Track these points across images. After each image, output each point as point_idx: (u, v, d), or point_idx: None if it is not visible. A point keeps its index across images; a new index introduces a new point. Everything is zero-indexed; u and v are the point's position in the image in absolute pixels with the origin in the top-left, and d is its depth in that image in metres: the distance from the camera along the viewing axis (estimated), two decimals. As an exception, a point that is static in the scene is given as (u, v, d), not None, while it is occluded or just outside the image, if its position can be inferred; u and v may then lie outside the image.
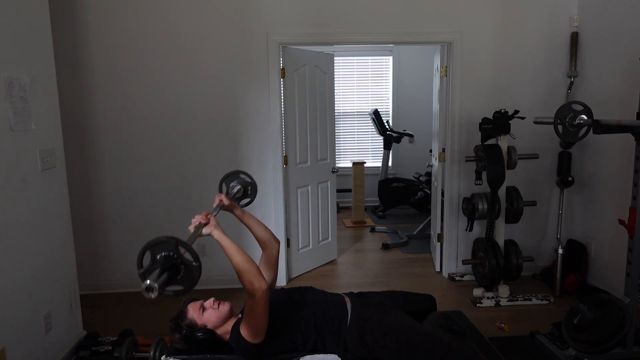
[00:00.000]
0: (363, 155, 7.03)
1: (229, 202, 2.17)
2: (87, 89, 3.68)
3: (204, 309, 2.05)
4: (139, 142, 3.78)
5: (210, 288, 3.53)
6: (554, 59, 3.92)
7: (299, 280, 4.10)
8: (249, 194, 2.44)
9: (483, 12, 3.85)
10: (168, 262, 1.49)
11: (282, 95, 3.90)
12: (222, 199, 2.13)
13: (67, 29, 3.58)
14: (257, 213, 3.90)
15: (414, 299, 2.46)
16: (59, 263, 2.79)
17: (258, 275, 1.84)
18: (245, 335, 1.92)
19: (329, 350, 2.04)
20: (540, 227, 4.14)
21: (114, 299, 3.78)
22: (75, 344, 2.89)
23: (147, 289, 1.40)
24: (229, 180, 2.40)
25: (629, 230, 2.55)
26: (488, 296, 3.62)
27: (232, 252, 1.85)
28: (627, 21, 3.33)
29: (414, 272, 4.30)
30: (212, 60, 3.74)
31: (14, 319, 2.34)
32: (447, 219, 4.11)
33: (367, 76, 6.89)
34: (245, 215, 2.30)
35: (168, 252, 1.50)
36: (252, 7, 3.71)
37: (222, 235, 1.86)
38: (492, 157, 3.40)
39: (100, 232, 3.86)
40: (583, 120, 2.58)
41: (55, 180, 2.75)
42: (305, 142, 4.18)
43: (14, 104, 2.34)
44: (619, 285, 3.16)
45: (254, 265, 1.86)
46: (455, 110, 3.93)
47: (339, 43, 4.04)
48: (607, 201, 3.59)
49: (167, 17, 3.66)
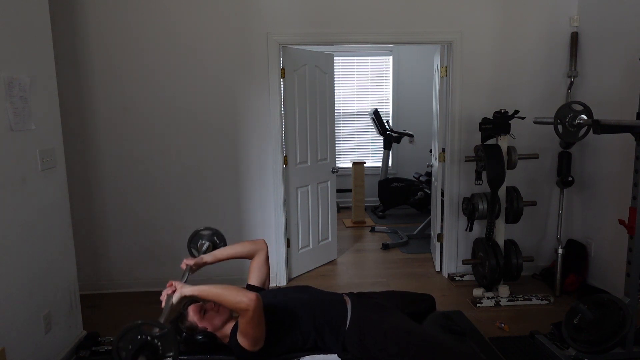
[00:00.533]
0: (363, 155, 7.03)
1: (195, 260, 2.22)
2: (87, 89, 3.68)
3: (204, 311, 2.04)
4: (139, 142, 3.78)
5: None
6: (554, 59, 3.92)
7: (299, 280, 4.10)
8: (219, 243, 2.52)
9: (483, 12, 3.85)
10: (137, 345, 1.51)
11: (282, 95, 3.90)
12: (187, 263, 2.20)
13: (67, 29, 3.58)
14: (257, 213, 3.93)
15: (414, 299, 2.46)
16: (59, 263, 2.79)
17: (242, 292, 1.84)
18: (244, 345, 1.91)
19: (329, 349, 2.04)
20: (540, 227, 4.14)
21: (114, 299, 3.78)
22: (75, 344, 2.89)
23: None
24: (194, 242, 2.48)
25: (629, 230, 2.54)
26: (488, 296, 3.62)
27: (208, 294, 1.86)
28: (627, 21, 3.33)
29: (414, 272, 4.30)
30: (212, 60, 3.74)
31: (14, 319, 2.34)
32: (447, 219, 4.11)
33: (367, 76, 6.89)
34: (217, 254, 2.34)
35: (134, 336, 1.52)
36: (252, 7, 3.71)
37: (192, 288, 1.88)
38: (492, 157, 3.40)
39: (100, 232, 3.86)
40: (583, 120, 2.58)
41: (55, 180, 2.75)
42: (305, 142, 4.18)
43: (14, 104, 2.34)
44: (619, 285, 3.16)
45: (232, 289, 1.86)
46: (455, 110, 3.93)
47: (339, 43, 4.04)
48: (607, 201, 3.59)
49: (167, 17, 3.66)
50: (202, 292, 1.86)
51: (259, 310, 1.84)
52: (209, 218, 3.87)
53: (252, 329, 1.86)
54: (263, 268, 2.31)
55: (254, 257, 2.32)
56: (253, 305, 1.80)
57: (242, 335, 1.90)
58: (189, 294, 1.87)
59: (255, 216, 3.94)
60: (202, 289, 1.87)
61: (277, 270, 3.99)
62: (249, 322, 1.84)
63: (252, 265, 2.32)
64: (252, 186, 3.90)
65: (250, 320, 1.83)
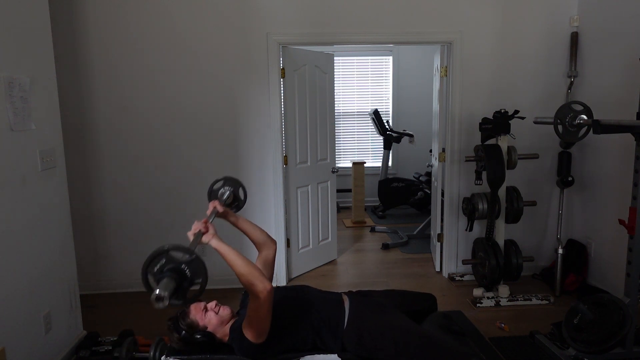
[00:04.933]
0: (363, 155, 7.03)
1: (223, 208, 2.16)
2: (87, 89, 3.68)
3: (206, 310, 2.05)
4: (139, 142, 3.78)
5: (210, 288, 3.51)
6: (554, 59, 3.92)
7: (299, 280, 4.10)
8: (240, 197, 2.42)
9: (483, 12, 3.85)
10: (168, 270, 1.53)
11: (282, 95, 3.90)
12: (215, 205, 2.13)
13: (67, 29, 3.58)
14: (257, 213, 3.93)
15: (414, 299, 2.46)
16: (59, 263, 2.79)
17: (261, 277, 1.83)
18: (248, 335, 1.92)
19: (328, 349, 2.04)
20: (540, 227, 4.14)
21: (114, 299, 3.78)
22: (75, 344, 2.89)
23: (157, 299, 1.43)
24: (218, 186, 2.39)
25: (629, 230, 2.55)
26: (488, 296, 3.62)
27: (232, 259, 1.84)
28: (627, 21, 3.33)
29: (414, 272, 4.30)
30: (212, 60, 3.74)
31: (14, 319, 2.34)
32: (447, 219, 4.11)
33: (367, 76, 6.89)
34: (240, 220, 2.29)
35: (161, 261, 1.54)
36: (252, 7, 3.71)
37: (221, 244, 1.86)
38: (492, 157, 3.40)
39: (100, 232, 3.86)
40: (583, 120, 2.58)
41: (55, 180, 2.75)
42: (305, 142, 4.18)
43: (14, 104, 2.34)
44: (619, 285, 3.16)
45: (255, 268, 1.86)
46: (455, 110, 3.93)
47: (339, 43, 4.04)
48: (607, 201, 3.59)
49: (167, 17, 3.66)
50: (227, 255, 1.84)
51: (269, 302, 1.84)
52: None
53: (260, 318, 1.86)
54: (269, 267, 2.28)
55: (263, 251, 2.26)
56: (265, 294, 1.80)
57: (247, 324, 1.91)
58: (215, 246, 1.85)
59: (255, 216, 3.94)
60: (228, 252, 1.84)
61: (277, 270, 3.99)
62: (257, 309, 1.84)
63: (259, 260, 2.26)
64: (252, 186, 3.90)
65: (259, 308, 1.83)
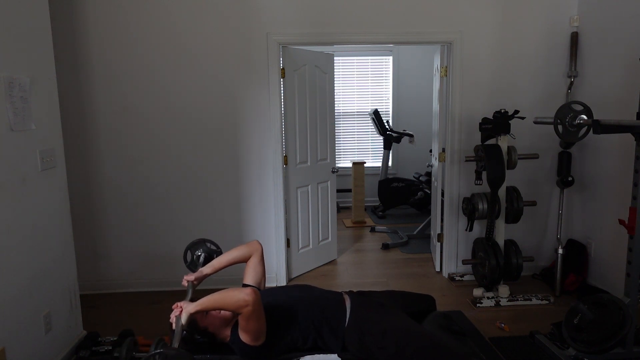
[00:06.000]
0: (363, 155, 7.03)
1: (195, 275, 2.30)
2: (87, 89, 3.68)
3: (206, 311, 2.05)
4: (139, 142, 3.78)
5: (211, 288, 3.51)
6: (554, 59, 3.91)
7: (299, 280, 4.10)
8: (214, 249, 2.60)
9: (483, 12, 3.85)
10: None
11: (282, 95, 3.90)
12: (188, 280, 2.27)
13: (67, 29, 3.58)
14: (257, 213, 3.93)
15: (414, 299, 2.46)
16: (59, 263, 2.79)
17: (238, 292, 1.88)
18: (246, 340, 1.93)
19: (329, 349, 2.04)
20: (540, 227, 4.14)
21: (114, 299, 3.78)
22: (75, 344, 2.89)
23: None
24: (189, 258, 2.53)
25: (629, 230, 2.55)
26: (488, 296, 3.62)
27: (209, 304, 1.92)
28: (627, 21, 3.32)
29: (414, 272, 4.30)
30: (212, 61, 3.74)
31: (14, 319, 2.34)
32: (447, 219, 4.11)
33: (367, 76, 6.89)
34: (215, 264, 2.39)
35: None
36: (252, 7, 3.71)
37: (194, 304, 1.94)
38: (492, 157, 3.40)
39: (100, 232, 3.86)
40: (583, 120, 2.59)
41: (55, 180, 2.75)
42: (305, 142, 4.18)
43: (14, 104, 2.34)
44: (619, 285, 3.16)
45: (229, 291, 1.91)
46: (455, 110, 3.93)
47: (339, 43, 4.04)
48: (607, 201, 3.59)
49: (167, 17, 3.66)
50: (204, 304, 1.93)
51: (258, 304, 1.86)
52: (208, 218, 3.87)
53: (253, 324, 1.89)
54: (258, 267, 2.36)
55: (249, 258, 2.39)
56: (251, 300, 1.83)
57: (243, 331, 1.93)
58: (194, 311, 1.93)
59: (255, 216, 3.94)
60: (203, 302, 1.93)
61: (277, 270, 3.99)
62: (250, 316, 1.86)
63: (247, 265, 2.37)
64: (252, 186, 3.90)
65: (251, 315, 1.86)
